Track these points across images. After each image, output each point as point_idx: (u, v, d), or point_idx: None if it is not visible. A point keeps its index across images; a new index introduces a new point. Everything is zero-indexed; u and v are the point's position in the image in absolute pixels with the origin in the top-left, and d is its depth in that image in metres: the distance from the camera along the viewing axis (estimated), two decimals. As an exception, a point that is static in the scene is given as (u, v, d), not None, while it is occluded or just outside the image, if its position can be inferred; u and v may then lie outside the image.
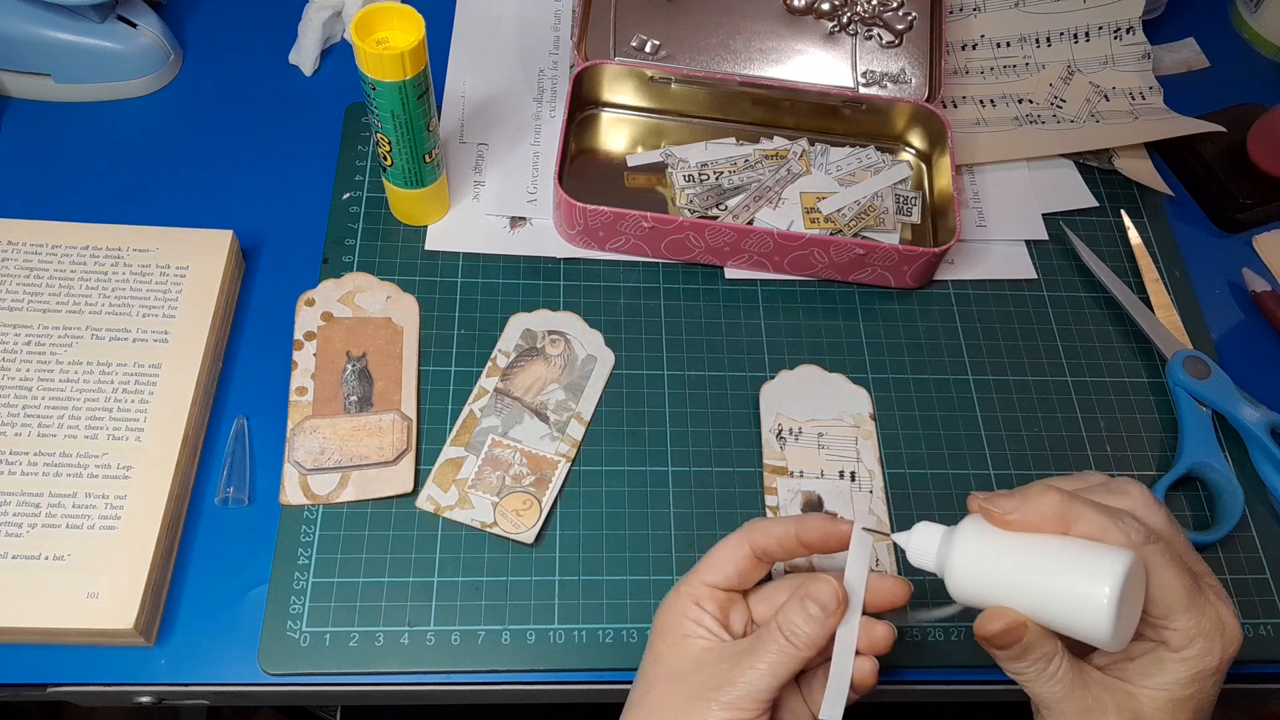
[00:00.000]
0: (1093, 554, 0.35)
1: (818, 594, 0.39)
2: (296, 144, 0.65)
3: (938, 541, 0.39)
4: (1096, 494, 0.39)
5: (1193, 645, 0.36)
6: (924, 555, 0.40)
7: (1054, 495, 0.37)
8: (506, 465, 0.54)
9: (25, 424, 0.50)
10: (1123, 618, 0.35)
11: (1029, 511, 0.37)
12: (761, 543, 0.42)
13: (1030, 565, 0.36)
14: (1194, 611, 0.36)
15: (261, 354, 0.57)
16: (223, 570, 0.50)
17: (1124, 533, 0.36)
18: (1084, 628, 0.35)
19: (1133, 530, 0.36)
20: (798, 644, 0.39)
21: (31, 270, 0.55)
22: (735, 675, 0.38)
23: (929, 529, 0.40)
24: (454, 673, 0.49)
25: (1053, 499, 0.37)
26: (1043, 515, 0.37)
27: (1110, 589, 0.34)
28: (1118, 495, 0.39)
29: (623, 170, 0.65)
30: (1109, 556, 0.35)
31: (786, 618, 0.39)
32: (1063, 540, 0.37)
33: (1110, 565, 0.34)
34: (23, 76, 0.64)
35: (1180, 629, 0.36)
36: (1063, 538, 0.37)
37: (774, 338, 0.60)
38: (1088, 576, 0.35)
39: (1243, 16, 0.80)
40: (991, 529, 0.38)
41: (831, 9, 0.67)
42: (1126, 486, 0.39)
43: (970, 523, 0.39)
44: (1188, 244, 0.67)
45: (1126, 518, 0.37)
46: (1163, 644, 0.37)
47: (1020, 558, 0.37)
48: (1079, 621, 0.35)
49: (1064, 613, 0.35)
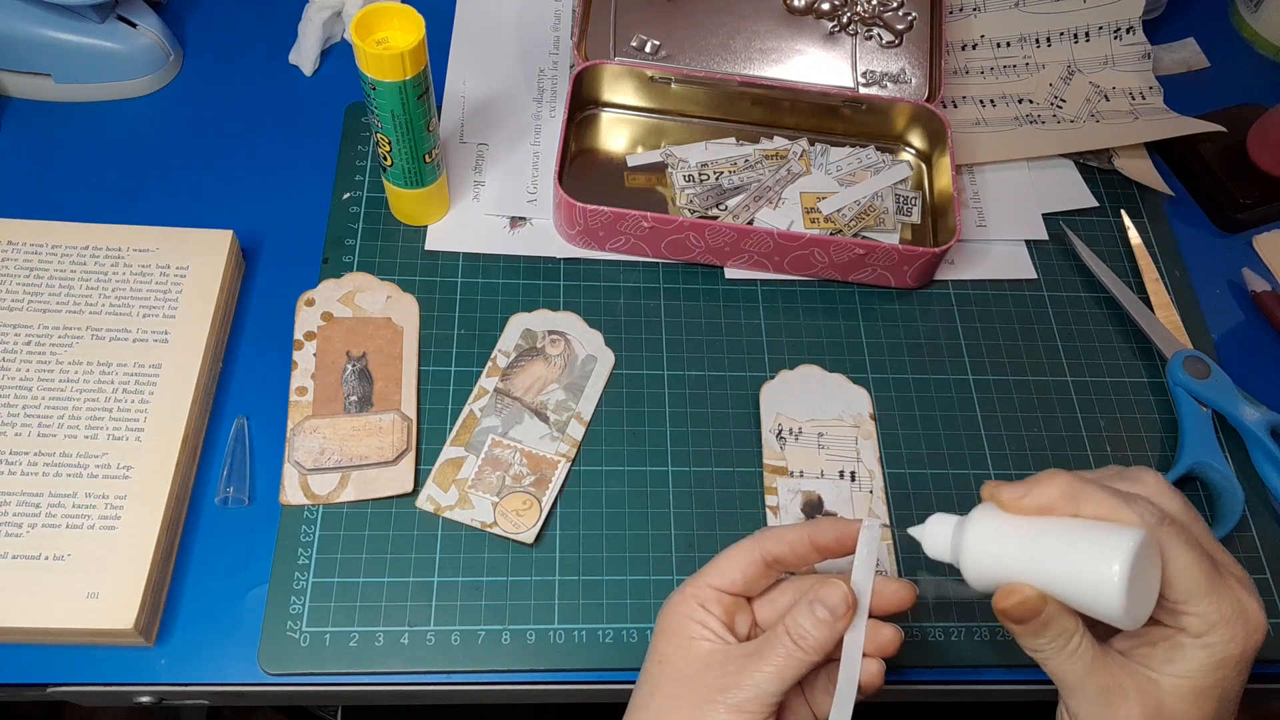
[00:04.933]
0: (1104, 531, 0.35)
1: (826, 598, 0.39)
2: (296, 144, 0.65)
3: (951, 532, 0.39)
4: (1110, 481, 0.38)
5: (1213, 631, 0.36)
6: (939, 546, 0.40)
7: (1063, 478, 0.37)
8: (506, 465, 0.54)
9: (25, 424, 0.50)
10: (1135, 595, 0.34)
11: (1039, 495, 0.37)
12: (773, 549, 0.41)
13: (1041, 546, 0.36)
14: (1214, 596, 0.36)
15: (261, 354, 0.57)
16: (223, 570, 0.50)
17: (1137, 513, 0.36)
18: (1096, 605, 0.35)
19: (1146, 511, 0.36)
20: (805, 648, 0.38)
21: (31, 270, 0.55)
22: (742, 678, 0.38)
23: (942, 520, 0.40)
24: (454, 673, 0.49)
25: (1062, 481, 0.37)
26: (1052, 498, 0.37)
27: (1120, 564, 0.34)
28: (1131, 482, 0.38)
29: (623, 170, 0.65)
30: (1120, 533, 0.35)
31: (795, 621, 0.39)
32: (1074, 521, 0.36)
33: (1120, 541, 0.34)
34: (23, 76, 0.64)
35: (1200, 614, 0.36)
36: (1074, 519, 0.36)
37: (774, 338, 0.60)
38: (1098, 553, 0.34)
39: (1243, 16, 0.80)
40: (1003, 515, 0.38)
41: (831, 9, 0.67)
42: (1141, 474, 0.39)
43: (982, 510, 0.39)
44: (1188, 244, 0.67)
45: (1139, 500, 0.36)
46: (1182, 630, 0.36)
47: (1031, 539, 0.36)
48: (1091, 599, 0.35)
49: (1077, 590, 0.35)
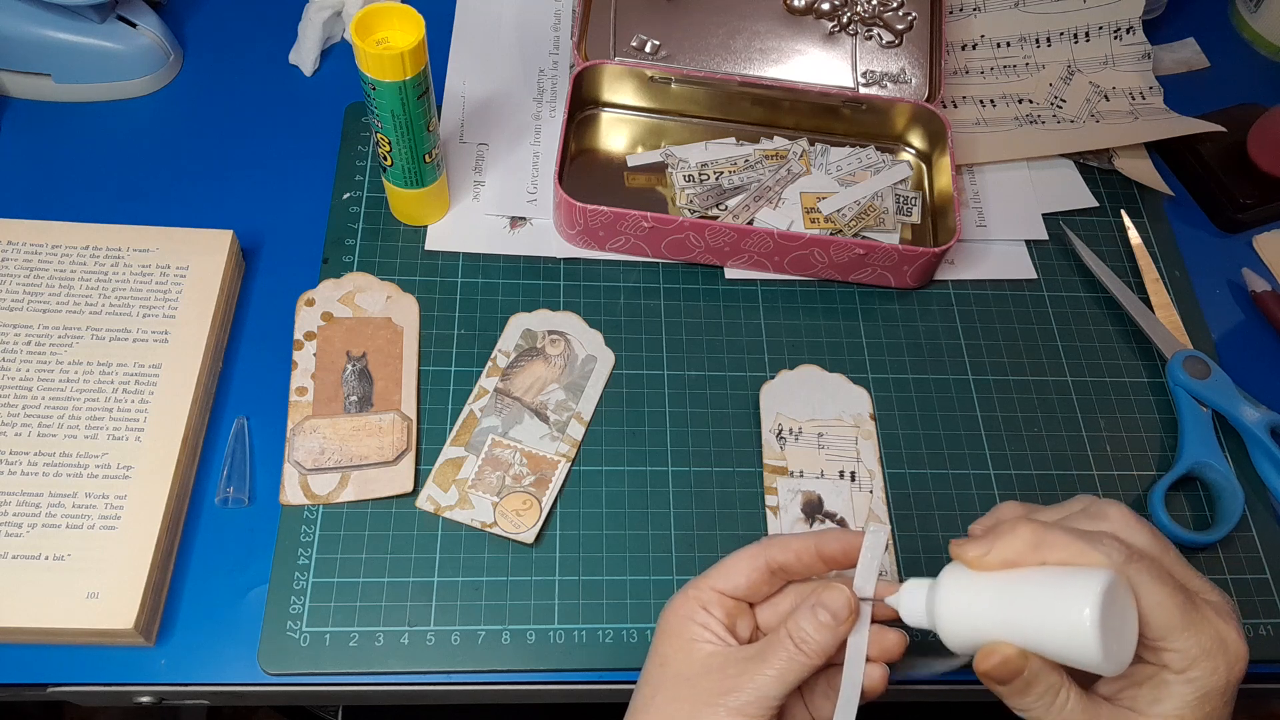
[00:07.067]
0: (1071, 577, 0.34)
1: (829, 602, 0.39)
2: (296, 144, 0.65)
3: (924, 596, 0.38)
4: (1075, 520, 0.38)
5: (1195, 666, 0.35)
6: (914, 613, 0.39)
7: (1026, 528, 0.36)
8: (506, 465, 0.54)
9: (25, 424, 0.50)
10: (1111, 638, 0.34)
11: (1003, 549, 0.36)
12: (779, 557, 0.41)
13: (1012, 601, 0.36)
14: (1191, 630, 0.35)
15: (261, 354, 0.57)
16: (223, 570, 0.50)
17: (1104, 553, 0.35)
18: (1074, 654, 0.34)
19: (1113, 550, 0.35)
20: (807, 651, 0.38)
21: (31, 270, 0.55)
22: (743, 681, 0.38)
23: (915, 586, 0.39)
24: (454, 673, 0.49)
25: (1025, 532, 0.36)
26: (1017, 550, 0.36)
27: (1090, 609, 0.33)
28: (1096, 520, 0.38)
29: (623, 170, 0.65)
30: (1086, 577, 0.34)
31: (797, 625, 0.39)
32: (1041, 570, 0.36)
33: (1087, 585, 0.33)
34: (23, 76, 0.64)
35: (1179, 649, 0.35)
36: (1041, 568, 0.36)
37: (774, 338, 0.60)
38: (1067, 600, 0.34)
39: (1243, 16, 0.80)
40: (969, 575, 0.37)
41: (831, 9, 0.67)
42: (1105, 509, 0.38)
43: (950, 570, 0.38)
44: (1188, 244, 0.67)
45: (1105, 539, 0.36)
46: (1164, 667, 0.36)
47: (1001, 595, 0.36)
48: (1068, 648, 0.34)
49: (1052, 641, 0.34)
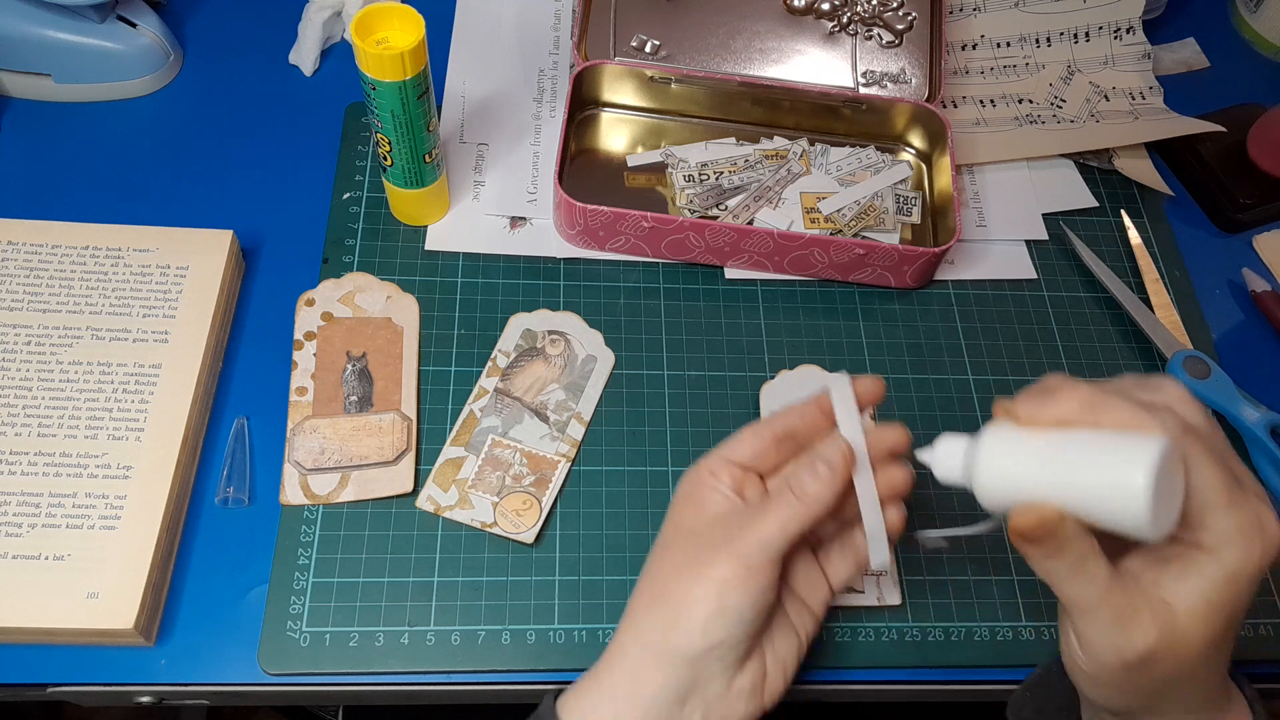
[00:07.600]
0: (1127, 441, 0.33)
1: (824, 452, 0.41)
2: (296, 144, 0.65)
3: (962, 452, 0.37)
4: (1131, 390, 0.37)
5: (1229, 545, 0.34)
6: (949, 468, 0.38)
7: (1082, 388, 0.35)
8: (506, 465, 0.54)
9: (25, 424, 0.50)
10: (1161, 505, 0.33)
11: (1057, 407, 0.35)
12: (784, 420, 0.43)
13: (1061, 460, 0.34)
14: (1232, 509, 0.34)
15: (261, 354, 0.57)
16: (223, 570, 0.50)
17: (1160, 422, 0.34)
18: (1122, 517, 0.33)
19: (1169, 420, 0.34)
20: (807, 501, 0.40)
21: (31, 270, 0.55)
22: (746, 531, 0.40)
23: (952, 439, 0.38)
24: (454, 673, 0.49)
25: (1081, 392, 0.35)
26: (1072, 410, 0.35)
27: (1146, 473, 0.32)
28: (1153, 391, 0.37)
29: (623, 170, 0.65)
30: (1144, 441, 0.33)
31: (796, 477, 0.41)
32: (1094, 433, 0.34)
33: (1145, 450, 0.32)
34: (23, 76, 0.64)
35: (1217, 526, 0.34)
36: (1094, 431, 0.35)
37: (774, 338, 0.60)
38: (1122, 463, 0.32)
39: (1243, 16, 0.80)
40: (1018, 431, 0.36)
41: (831, 9, 0.67)
42: (1161, 383, 0.37)
43: (995, 427, 0.37)
44: (1188, 244, 0.67)
45: (1162, 409, 0.35)
46: (1197, 544, 0.35)
47: (1050, 454, 0.34)
48: (1117, 511, 0.33)
49: (1101, 504, 0.33)
